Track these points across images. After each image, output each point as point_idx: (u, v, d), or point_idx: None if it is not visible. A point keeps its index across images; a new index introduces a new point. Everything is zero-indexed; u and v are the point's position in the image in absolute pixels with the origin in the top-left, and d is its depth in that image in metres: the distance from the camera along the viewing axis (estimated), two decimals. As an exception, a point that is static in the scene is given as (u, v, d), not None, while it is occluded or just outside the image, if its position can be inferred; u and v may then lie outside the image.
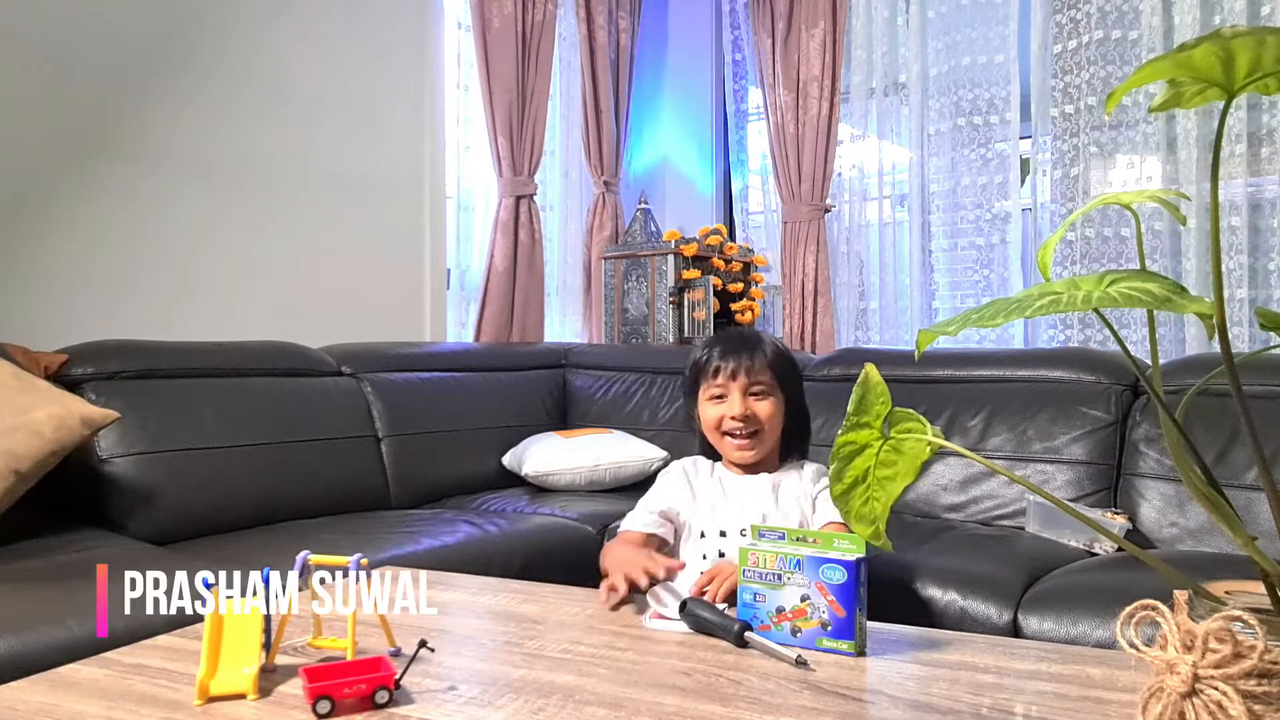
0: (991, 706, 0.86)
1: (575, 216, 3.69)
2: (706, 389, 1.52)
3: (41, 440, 1.68)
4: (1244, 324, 2.71)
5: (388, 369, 2.61)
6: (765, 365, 1.50)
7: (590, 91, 3.60)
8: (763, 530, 1.11)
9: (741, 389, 1.48)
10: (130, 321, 2.29)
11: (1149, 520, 2.08)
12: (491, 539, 2.03)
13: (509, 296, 3.28)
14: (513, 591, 1.30)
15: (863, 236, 3.52)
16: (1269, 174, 2.75)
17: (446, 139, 3.21)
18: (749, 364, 1.49)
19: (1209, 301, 0.63)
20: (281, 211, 2.72)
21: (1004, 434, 2.30)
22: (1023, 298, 0.67)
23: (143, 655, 1.01)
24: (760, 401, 1.49)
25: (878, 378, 0.89)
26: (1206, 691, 0.62)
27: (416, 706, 0.87)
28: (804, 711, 0.86)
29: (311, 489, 2.23)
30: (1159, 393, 0.71)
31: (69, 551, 1.64)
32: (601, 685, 0.92)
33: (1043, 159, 3.16)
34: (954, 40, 3.28)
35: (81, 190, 2.30)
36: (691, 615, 1.10)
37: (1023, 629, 1.62)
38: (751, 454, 1.49)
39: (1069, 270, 3.05)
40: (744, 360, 1.49)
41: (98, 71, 2.32)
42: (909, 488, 0.87)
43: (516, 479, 2.64)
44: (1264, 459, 0.69)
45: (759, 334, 1.61)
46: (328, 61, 2.84)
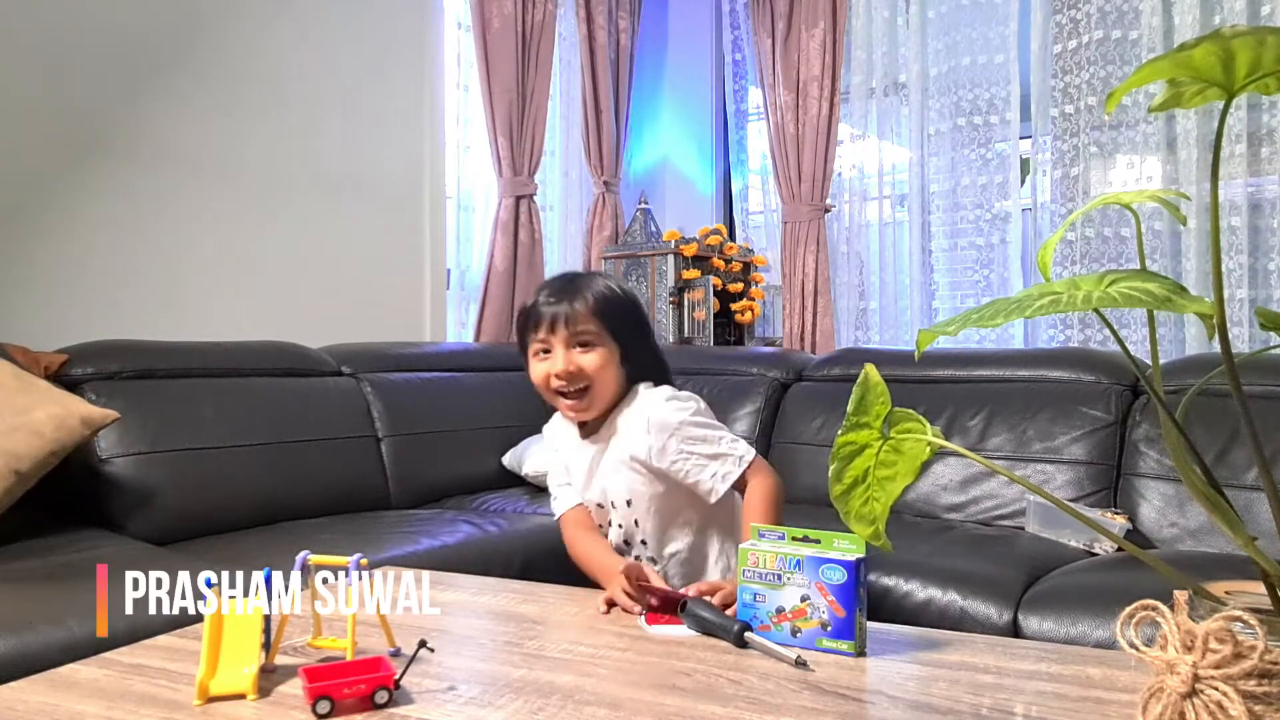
0: (991, 706, 0.86)
1: (575, 216, 3.69)
2: (531, 344, 1.40)
3: (41, 440, 1.68)
4: (1244, 324, 2.71)
5: (388, 369, 2.61)
6: (589, 313, 1.36)
7: (590, 91, 3.60)
8: (762, 530, 1.11)
9: (564, 341, 1.36)
10: (130, 321, 2.29)
11: (1149, 520, 2.08)
12: (491, 539, 2.03)
13: (509, 296, 3.28)
14: (513, 591, 1.30)
15: (863, 236, 3.52)
16: (1269, 174, 2.75)
17: (446, 139, 3.21)
18: (569, 312, 1.36)
19: (1209, 301, 0.63)
20: (281, 211, 2.72)
21: (1004, 434, 2.30)
22: (1023, 298, 0.67)
23: (143, 655, 1.01)
24: (586, 354, 1.36)
25: (877, 378, 0.89)
26: (1206, 692, 0.62)
27: (416, 706, 0.87)
28: (804, 711, 0.85)
29: (311, 489, 2.23)
30: (1159, 393, 0.71)
31: (69, 551, 1.64)
32: (601, 685, 0.92)
33: (1043, 159, 3.16)
34: (954, 40, 3.28)
35: (81, 191, 2.30)
36: (691, 615, 1.10)
37: (1023, 629, 1.62)
38: (583, 413, 1.40)
39: (1069, 270, 3.05)
40: (564, 308, 1.36)
41: (97, 72, 2.32)
42: (909, 488, 0.87)
43: (516, 479, 2.64)
44: (1264, 459, 0.69)
45: (589, 276, 1.44)
46: (328, 61, 2.84)
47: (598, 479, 1.45)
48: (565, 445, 1.50)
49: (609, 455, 1.42)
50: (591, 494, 1.46)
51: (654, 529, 1.44)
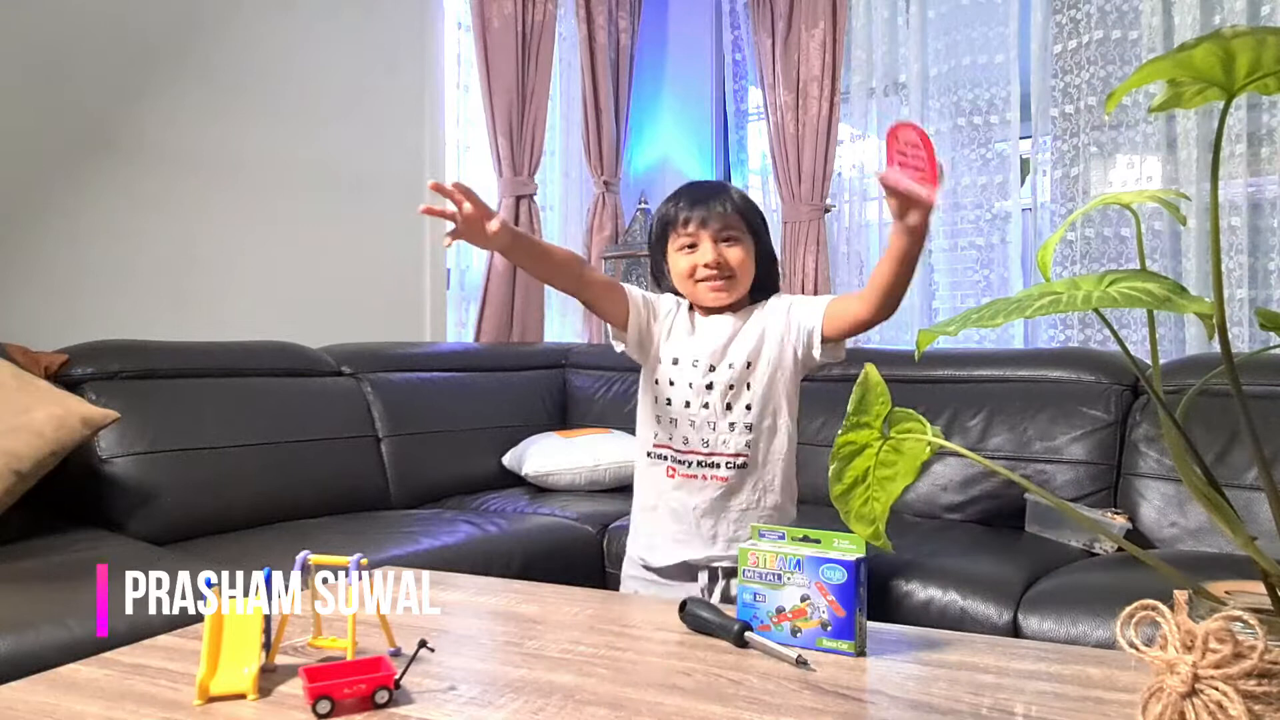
0: (991, 706, 0.86)
1: (575, 216, 3.69)
2: (676, 240, 1.53)
3: (41, 440, 1.68)
4: (1244, 324, 2.71)
5: (388, 369, 2.61)
6: (734, 211, 1.52)
7: (590, 91, 3.60)
8: (763, 530, 1.11)
9: (712, 236, 1.50)
10: (130, 321, 2.29)
11: (1149, 520, 2.08)
12: (491, 539, 2.03)
13: (509, 296, 3.28)
14: (513, 591, 1.30)
15: (863, 236, 3.52)
16: (1269, 174, 2.75)
17: (446, 139, 3.21)
18: (719, 210, 1.51)
19: (1209, 301, 0.63)
20: (281, 211, 2.72)
21: (1004, 434, 2.30)
22: (1023, 298, 0.67)
23: (143, 655, 1.01)
24: (732, 248, 1.51)
25: (878, 378, 0.89)
26: (1206, 691, 0.62)
27: (416, 706, 0.87)
28: (804, 711, 0.85)
29: (311, 489, 2.23)
30: (1159, 393, 0.71)
31: (69, 551, 1.64)
32: (601, 685, 0.92)
33: (1043, 159, 3.16)
34: (954, 40, 3.28)
35: (82, 190, 2.30)
36: (691, 615, 1.10)
37: (1023, 629, 1.62)
38: (726, 295, 1.52)
39: (1069, 270, 3.05)
40: (714, 208, 1.51)
41: (97, 72, 2.32)
42: (909, 488, 0.87)
43: (516, 479, 2.64)
44: (1264, 459, 0.69)
45: (724, 183, 1.62)
46: (328, 61, 2.84)
47: (733, 339, 1.51)
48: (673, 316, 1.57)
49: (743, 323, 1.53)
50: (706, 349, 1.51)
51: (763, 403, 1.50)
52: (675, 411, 1.51)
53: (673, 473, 1.52)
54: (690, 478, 1.51)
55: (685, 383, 1.51)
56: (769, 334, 1.52)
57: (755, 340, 1.52)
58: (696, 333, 1.54)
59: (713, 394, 1.50)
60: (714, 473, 1.50)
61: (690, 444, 1.51)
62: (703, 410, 1.50)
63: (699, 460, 1.50)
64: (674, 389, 1.51)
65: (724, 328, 1.53)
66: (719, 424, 1.50)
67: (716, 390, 1.50)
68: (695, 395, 1.50)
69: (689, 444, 1.51)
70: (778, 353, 1.52)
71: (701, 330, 1.54)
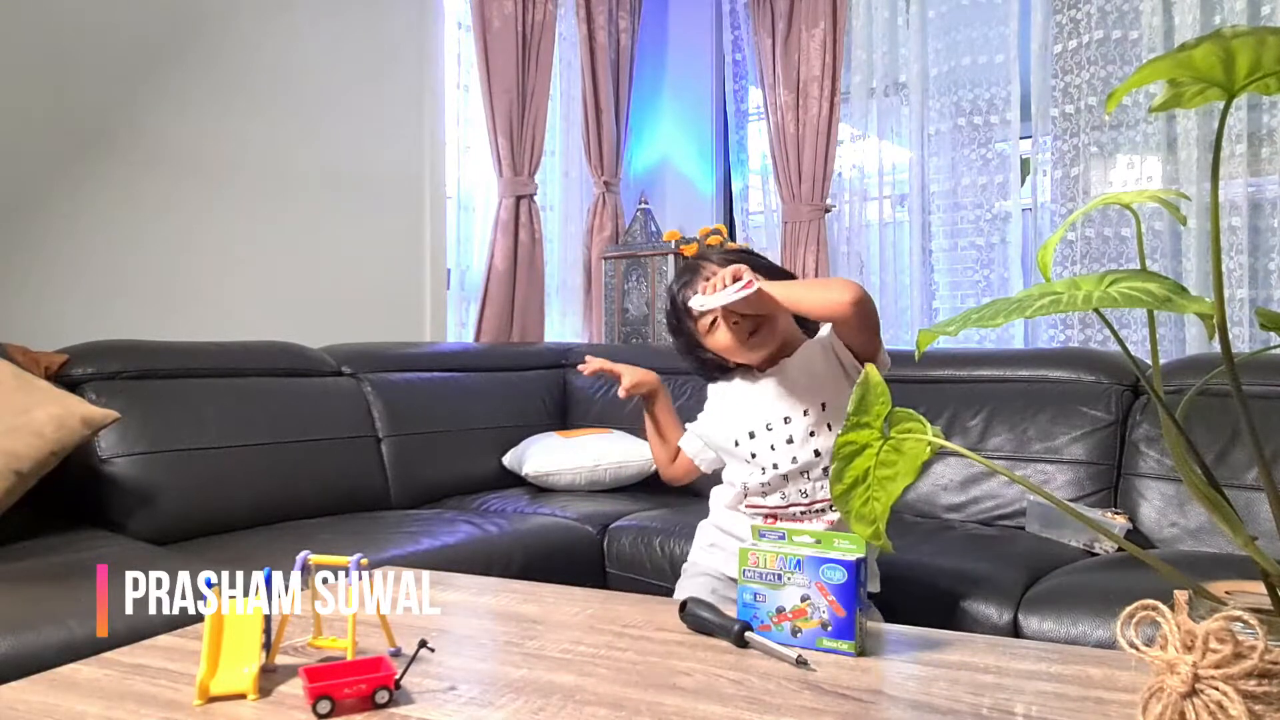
0: (991, 706, 0.86)
1: (575, 216, 3.69)
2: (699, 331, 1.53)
3: (41, 440, 1.68)
4: (1244, 324, 2.71)
5: (388, 369, 2.61)
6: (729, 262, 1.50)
7: (590, 91, 3.60)
8: (763, 530, 1.11)
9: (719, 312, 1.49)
10: (130, 321, 2.29)
11: (1149, 520, 2.08)
12: (491, 539, 2.03)
13: (509, 296, 3.28)
14: (513, 591, 1.30)
15: (863, 236, 3.52)
16: (1269, 174, 2.75)
17: (446, 139, 3.21)
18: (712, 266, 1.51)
19: (1209, 301, 0.63)
20: (281, 211, 2.72)
21: (1004, 434, 2.30)
22: (1023, 298, 0.67)
23: (143, 655, 1.01)
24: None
25: (878, 378, 0.89)
26: (1207, 691, 0.62)
27: (416, 706, 0.87)
28: (804, 711, 0.85)
29: (311, 489, 2.23)
30: (1159, 393, 0.71)
31: (69, 551, 1.64)
32: (601, 685, 0.92)
33: (1043, 159, 3.16)
34: (954, 40, 3.28)
35: (81, 190, 2.30)
36: (691, 615, 1.10)
37: (1023, 629, 1.62)
38: (766, 347, 1.51)
39: (1069, 270, 3.05)
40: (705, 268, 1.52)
41: (97, 72, 2.32)
42: (909, 488, 0.87)
43: (516, 479, 2.64)
44: (1264, 459, 0.69)
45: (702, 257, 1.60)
46: (328, 61, 2.84)
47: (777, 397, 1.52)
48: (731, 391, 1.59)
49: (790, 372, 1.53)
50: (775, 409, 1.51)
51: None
52: (768, 478, 1.50)
53: (774, 521, 1.50)
54: (796, 522, 1.50)
55: (767, 446, 1.50)
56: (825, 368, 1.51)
57: (818, 381, 1.50)
58: (758, 395, 1.54)
59: (795, 446, 1.48)
60: (823, 518, 1.49)
61: (789, 498, 1.50)
62: (792, 465, 1.48)
63: (802, 510, 1.50)
64: (757, 460, 1.51)
65: (781, 378, 1.53)
66: (813, 472, 1.49)
67: (798, 441, 1.48)
68: (782, 456, 1.49)
69: (787, 499, 1.50)
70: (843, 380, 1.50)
71: (762, 390, 1.54)
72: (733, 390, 1.59)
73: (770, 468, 1.50)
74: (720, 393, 1.62)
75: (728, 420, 1.56)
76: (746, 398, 1.56)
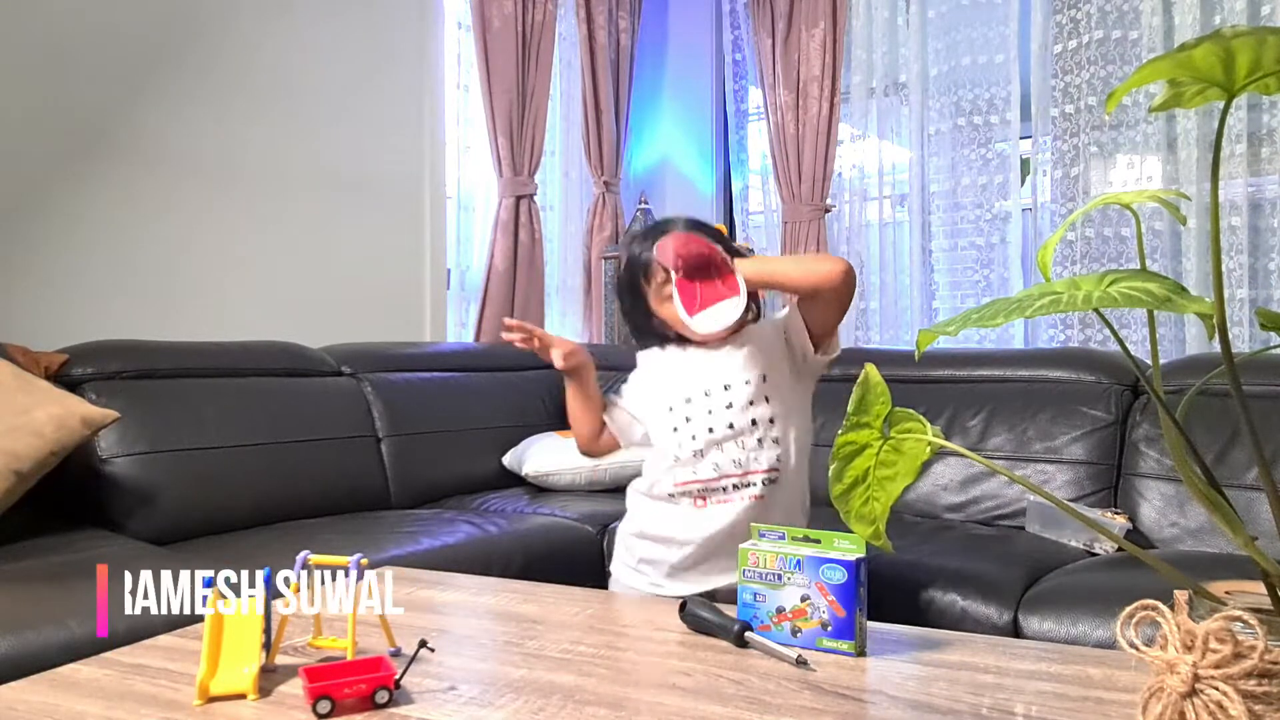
0: (991, 706, 0.86)
1: (575, 216, 3.69)
2: (654, 291, 1.52)
3: (41, 440, 1.68)
4: (1244, 324, 2.71)
5: (388, 369, 2.61)
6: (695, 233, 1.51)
7: (590, 91, 3.60)
8: (763, 530, 1.11)
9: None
10: (130, 321, 2.29)
11: (1149, 520, 2.08)
12: (491, 539, 2.03)
13: (509, 296, 3.28)
14: (513, 591, 1.30)
15: (863, 236, 3.52)
16: (1269, 174, 2.75)
17: (446, 139, 3.21)
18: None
19: (1209, 301, 0.63)
20: (281, 211, 2.72)
21: (1004, 434, 2.30)
22: (1023, 298, 0.67)
23: (143, 655, 1.01)
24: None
25: (878, 378, 0.89)
26: (1207, 691, 0.62)
27: (416, 706, 0.87)
28: (804, 711, 0.85)
29: (311, 489, 2.23)
30: (1159, 393, 0.71)
31: (69, 551, 1.64)
32: (601, 685, 0.92)
33: (1043, 159, 3.16)
34: (954, 40, 3.28)
35: (81, 191, 2.30)
36: (691, 615, 1.10)
37: (1023, 629, 1.62)
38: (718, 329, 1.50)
39: (1069, 270, 3.05)
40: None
41: (97, 72, 2.32)
42: (909, 488, 0.87)
43: (516, 479, 2.64)
44: (1264, 459, 0.69)
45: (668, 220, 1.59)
46: (328, 61, 2.84)
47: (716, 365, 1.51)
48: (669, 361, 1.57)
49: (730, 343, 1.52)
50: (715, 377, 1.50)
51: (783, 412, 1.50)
52: (701, 444, 1.48)
53: (703, 503, 1.49)
54: (725, 503, 1.48)
55: (704, 411, 1.49)
56: (770, 346, 1.52)
57: (761, 354, 1.51)
58: (696, 364, 1.53)
59: (733, 412, 1.48)
60: (750, 492, 1.47)
61: (722, 469, 1.48)
62: (728, 431, 1.47)
63: (734, 483, 1.48)
64: (692, 425, 1.49)
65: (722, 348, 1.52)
66: (748, 441, 1.48)
67: (737, 407, 1.48)
68: (718, 421, 1.48)
69: (720, 469, 1.48)
70: (788, 363, 1.52)
71: (701, 360, 1.53)
72: (667, 358, 1.57)
73: (706, 432, 1.48)
74: (653, 359, 1.60)
75: (662, 387, 1.54)
76: (683, 365, 1.54)
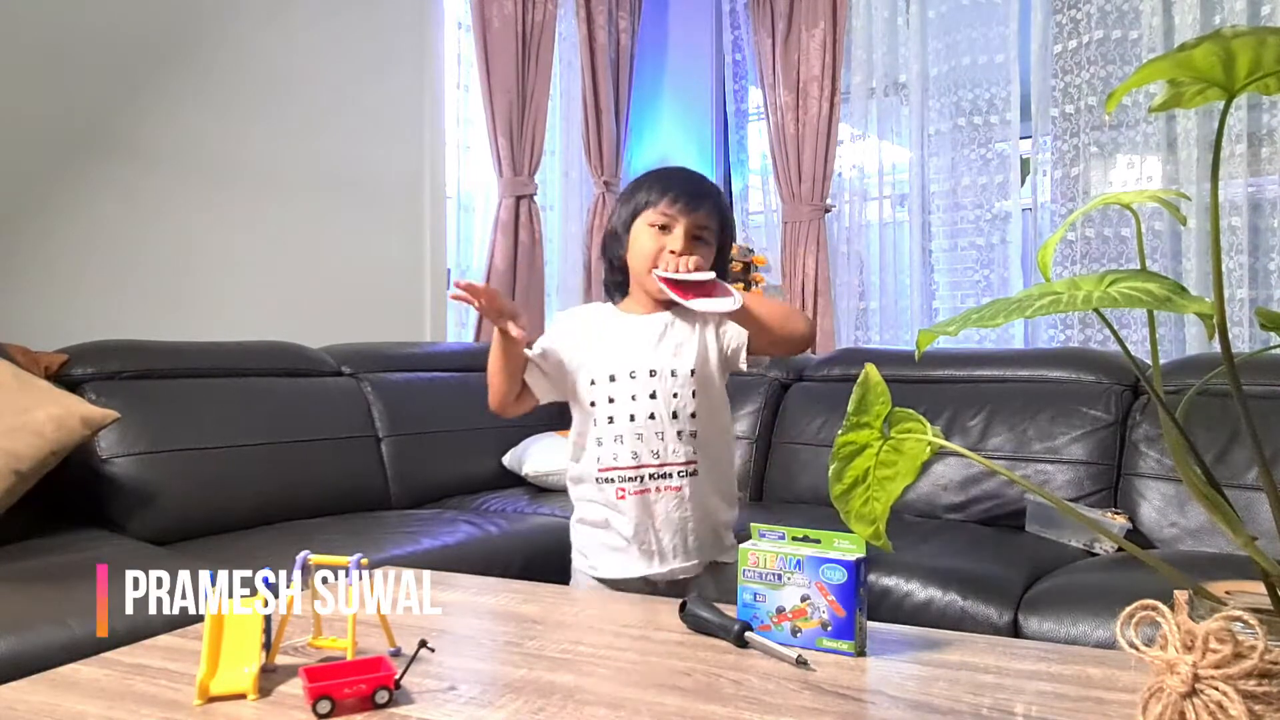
0: (991, 706, 0.86)
1: (575, 216, 3.69)
2: (649, 215, 1.45)
3: (41, 440, 1.68)
4: (1244, 324, 2.71)
5: (388, 369, 2.61)
6: (717, 214, 1.47)
7: (590, 91, 3.60)
8: (763, 530, 1.11)
9: (689, 227, 1.44)
10: (130, 321, 2.29)
11: (1149, 520, 2.08)
12: (491, 539, 2.03)
13: (509, 296, 3.28)
14: (513, 591, 1.30)
15: (863, 236, 3.52)
16: (1269, 174, 2.75)
17: (446, 139, 3.21)
18: (706, 207, 1.45)
19: (1209, 301, 0.63)
20: (281, 211, 2.72)
21: (1004, 434, 2.30)
22: (1023, 298, 0.67)
23: (143, 655, 1.01)
24: (699, 247, 1.45)
25: (878, 378, 0.89)
26: (1207, 692, 0.62)
27: (416, 706, 0.87)
28: (804, 711, 0.85)
29: (311, 489, 2.23)
30: (1159, 393, 0.71)
31: (69, 551, 1.64)
32: (601, 685, 0.92)
33: (1043, 159, 3.17)
34: (954, 40, 3.28)
35: (82, 190, 2.30)
36: (691, 615, 1.10)
37: (1023, 629, 1.62)
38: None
39: (1069, 270, 3.05)
40: (703, 201, 1.45)
41: (97, 72, 2.32)
42: (909, 488, 0.87)
43: (516, 479, 2.64)
44: (1264, 459, 0.69)
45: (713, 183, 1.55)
46: (328, 62, 2.84)
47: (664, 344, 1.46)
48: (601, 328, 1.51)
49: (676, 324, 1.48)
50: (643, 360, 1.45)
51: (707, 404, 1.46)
52: (620, 428, 1.43)
53: (623, 494, 1.44)
54: (643, 493, 1.43)
55: (628, 395, 1.44)
56: (705, 339, 1.47)
57: (693, 345, 1.46)
58: (628, 340, 1.47)
59: (657, 403, 1.43)
60: (667, 483, 1.43)
61: (640, 458, 1.43)
62: (649, 421, 1.43)
63: (650, 473, 1.43)
64: (614, 406, 1.44)
65: (655, 328, 1.48)
66: (667, 433, 1.43)
67: (661, 399, 1.43)
68: (639, 407, 1.43)
69: (638, 458, 1.43)
70: (716, 358, 1.47)
71: (633, 336, 1.48)
72: (597, 321, 1.52)
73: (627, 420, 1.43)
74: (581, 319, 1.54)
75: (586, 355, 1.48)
76: (613, 337, 1.49)
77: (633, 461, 1.44)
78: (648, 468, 1.44)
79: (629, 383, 1.45)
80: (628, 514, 1.44)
